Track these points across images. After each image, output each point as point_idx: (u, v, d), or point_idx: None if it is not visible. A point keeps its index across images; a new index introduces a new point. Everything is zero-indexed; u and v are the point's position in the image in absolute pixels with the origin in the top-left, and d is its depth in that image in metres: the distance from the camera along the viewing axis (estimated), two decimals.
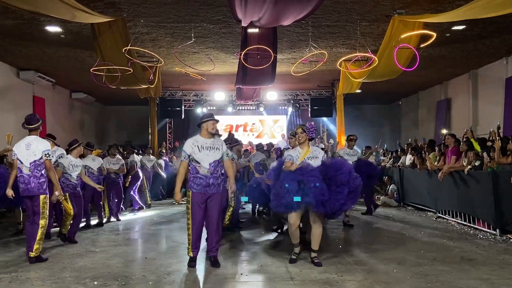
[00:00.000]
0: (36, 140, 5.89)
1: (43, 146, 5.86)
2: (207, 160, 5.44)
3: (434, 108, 16.96)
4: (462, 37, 10.30)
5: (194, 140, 5.53)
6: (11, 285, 4.73)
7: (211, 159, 5.46)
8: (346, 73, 11.88)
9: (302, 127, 5.71)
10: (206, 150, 5.48)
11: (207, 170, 5.41)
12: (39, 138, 5.96)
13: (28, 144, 5.83)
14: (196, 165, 5.41)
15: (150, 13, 8.53)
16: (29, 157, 5.79)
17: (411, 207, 10.69)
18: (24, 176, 5.76)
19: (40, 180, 5.79)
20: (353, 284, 4.68)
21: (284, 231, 7.61)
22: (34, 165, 5.78)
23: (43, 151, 5.83)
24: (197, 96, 17.91)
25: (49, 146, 5.98)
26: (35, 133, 5.99)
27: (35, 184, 5.75)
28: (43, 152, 5.82)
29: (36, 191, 5.75)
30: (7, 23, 8.82)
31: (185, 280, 4.96)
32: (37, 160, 5.80)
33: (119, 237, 7.48)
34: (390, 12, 8.39)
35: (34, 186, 5.75)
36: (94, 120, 20.13)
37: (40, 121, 6.08)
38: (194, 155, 5.43)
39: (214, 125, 5.63)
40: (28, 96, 13.74)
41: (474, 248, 6.31)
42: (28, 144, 5.83)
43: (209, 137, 5.59)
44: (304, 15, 7.30)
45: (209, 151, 5.49)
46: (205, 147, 5.49)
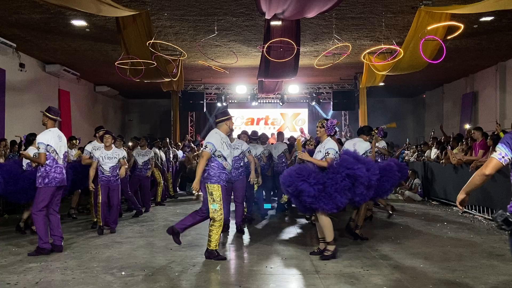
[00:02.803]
0: (60, 132, 6.08)
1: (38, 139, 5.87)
2: (231, 156, 5.67)
3: (460, 101, 16.64)
4: (490, 29, 10.06)
5: (221, 137, 5.53)
6: (41, 274, 4.84)
7: (232, 156, 5.83)
8: (370, 66, 11.74)
9: (322, 122, 5.68)
10: (230, 147, 5.68)
11: (230, 166, 5.62)
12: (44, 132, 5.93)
13: (60, 136, 5.97)
14: (223, 162, 5.45)
15: (174, 6, 8.56)
16: (62, 148, 5.95)
17: (436, 201, 10.55)
18: (60, 166, 5.87)
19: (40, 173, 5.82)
20: (379, 278, 4.64)
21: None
22: (65, 156, 6.02)
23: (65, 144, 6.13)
24: (219, 90, 17.94)
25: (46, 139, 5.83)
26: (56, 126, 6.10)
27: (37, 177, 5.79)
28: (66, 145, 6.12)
29: (37, 184, 5.78)
30: (34, 17, 8.97)
31: (210, 271, 4.99)
32: (66, 152, 6.07)
33: (144, 228, 7.57)
34: (416, 3, 8.24)
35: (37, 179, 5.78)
36: (117, 113, 20.38)
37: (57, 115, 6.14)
38: (223, 151, 5.45)
39: (231, 123, 5.77)
40: (54, 89, 14.00)
41: (503, 244, 6.18)
42: (59, 136, 5.97)
43: (228, 135, 5.80)
44: (329, 7, 7.23)
45: (232, 149, 5.80)
46: (228, 145, 5.64)
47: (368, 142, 6.84)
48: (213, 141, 5.40)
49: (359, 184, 5.31)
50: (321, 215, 5.39)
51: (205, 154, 5.37)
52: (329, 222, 5.41)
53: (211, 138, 5.44)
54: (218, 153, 5.42)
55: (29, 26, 9.53)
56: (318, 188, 5.17)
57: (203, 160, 5.40)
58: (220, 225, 5.38)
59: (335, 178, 5.24)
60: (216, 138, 5.44)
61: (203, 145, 5.44)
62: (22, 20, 9.17)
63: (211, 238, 5.39)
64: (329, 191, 5.20)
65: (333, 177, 5.25)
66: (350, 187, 5.27)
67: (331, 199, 5.20)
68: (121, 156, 7.31)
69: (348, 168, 5.29)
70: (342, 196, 5.23)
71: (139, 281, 4.57)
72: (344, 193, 5.25)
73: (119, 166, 7.26)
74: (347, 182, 5.23)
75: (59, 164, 5.84)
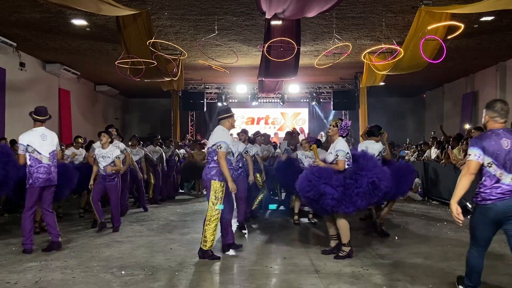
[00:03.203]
0: (47, 131, 5.98)
1: (55, 137, 6.03)
2: (236, 151, 5.88)
3: (460, 101, 16.63)
4: (491, 29, 10.05)
5: (229, 134, 5.56)
6: (41, 273, 4.84)
7: (236, 152, 5.91)
8: (370, 66, 11.73)
9: (337, 121, 5.66)
10: (231, 146, 5.86)
11: (235, 161, 5.64)
12: (48, 129, 6.02)
13: (44, 135, 5.88)
14: (231, 159, 5.68)
15: (174, 6, 8.56)
16: (48, 147, 5.88)
17: (436, 201, 10.54)
18: (45, 166, 5.82)
19: (57, 170, 5.99)
20: (379, 278, 4.65)
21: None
22: (52, 155, 5.91)
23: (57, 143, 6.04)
24: (219, 89, 17.94)
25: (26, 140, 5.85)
26: (44, 125, 6.00)
27: (55, 173, 5.94)
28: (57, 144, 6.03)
29: (56, 181, 5.95)
30: (34, 17, 8.97)
31: (210, 271, 4.99)
32: (54, 151, 5.96)
33: (144, 228, 7.57)
34: (417, 3, 8.24)
35: (55, 175, 5.93)
36: (117, 112, 20.38)
37: (48, 116, 6.06)
38: (232, 147, 5.70)
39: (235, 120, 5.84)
40: (54, 89, 13.99)
41: (503, 244, 6.14)
42: (43, 135, 5.88)
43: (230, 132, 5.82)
44: (329, 6, 7.23)
45: (235, 143, 6.02)
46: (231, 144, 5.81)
47: (379, 143, 6.79)
48: (226, 139, 5.36)
49: (377, 193, 5.28)
50: (340, 217, 5.39)
51: (223, 154, 5.27)
52: (347, 225, 5.42)
53: (223, 137, 5.36)
54: (229, 149, 5.55)
55: (29, 25, 9.53)
56: (340, 190, 5.16)
57: (223, 161, 5.27)
58: (215, 226, 5.37)
59: (360, 181, 5.19)
60: (227, 136, 5.45)
61: (217, 145, 5.26)
62: (22, 20, 9.16)
63: (207, 238, 5.35)
64: (350, 193, 5.16)
65: (357, 178, 5.21)
66: (371, 192, 5.24)
67: (351, 202, 5.17)
68: (116, 155, 7.21)
69: (378, 177, 5.23)
70: (363, 200, 5.21)
71: (139, 281, 4.57)
72: (365, 197, 5.23)
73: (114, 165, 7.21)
74: (370, 188, 5.20)
75: (44, 164, 5.79)
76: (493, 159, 3.53)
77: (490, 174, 3.56)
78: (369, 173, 5.24)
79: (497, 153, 3.52)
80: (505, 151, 3.52)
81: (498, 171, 3.53)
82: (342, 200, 5.16)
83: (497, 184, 3.54)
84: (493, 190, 3.54)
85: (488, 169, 3.56)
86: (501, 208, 3.52)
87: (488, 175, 3.57)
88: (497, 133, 3.60)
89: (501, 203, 3.51)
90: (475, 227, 3.68)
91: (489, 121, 3.70)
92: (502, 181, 3.53)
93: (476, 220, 3.65)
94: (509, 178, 3.52)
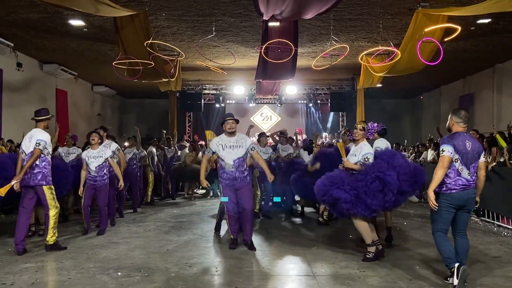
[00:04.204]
0: (37, 132, 5.88)
1: (39, 136, 5.80)
2: (231, 157, 5.88)
3: (457, 103, 16.66)
4: (488, 31, 10.08)
5: (220, 139, 6.03)
6: (37, 274, 4.83)
7: (234, 157, 5.89)
8: (367, 67, 11.75)
9: (363, 124, 5.68)
10: (229, 148, 5.92)
11: (232, 165, 5.85)
12: (41, 130, 5.91)
13: (31, 136, 5.87)
14: (222, 162, 5.92)
15: (172, 7, 8.56)
16: (27, 148, 5.82)
17: None
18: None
19: (33, 171, 5.75)
20: (375, 280, 4.65)
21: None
22: (30, 155, 5.76)
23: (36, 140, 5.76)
24: (217, 90, 17.94)
25: (48, 138, 5.89)
26: (40, 126, 5.96)
27: (29, 175, 5.73)
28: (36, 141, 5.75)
29: (31, 182, 5.74)
30: (31, 17, 8.96)
31: (207, 272, 4.99)
32: (32, 151, 5.77)
33: (140, 229, 7.56)
34: (414, 5, 8.25)
35: (28, 178, 5.74)
36: (115, 113, 20.35)
37: (49, 115, 6.05)
38: (219, 152, 5.92)
39: (231, 125, 5.98)
40: (51, 89, 13.96)
41: (499, 245, 6.21)
42: (30, 136, 5.87)
43: (231, 136, 6.00)
44: (327, 8, 7.24)
45: (232, 149, 5.92)
46: (229, 146, 5.94)
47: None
48: (211, 145, 6.10)
49: (388, 191, 5.17)
50: (357, 220, 5.37)
51: (205, 155, 6.35)
52: (366, 226, 5.39)
53: (211, 143, 6.15)
54: (216, 154, 6.02)
55: (26, 25, 9.51)
56: (353, 193, 5.15)
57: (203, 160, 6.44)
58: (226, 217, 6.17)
59: (364, 180, 5.17)
60: (214, 142, 6.07)
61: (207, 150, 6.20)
62: (19, 20, 9.15)
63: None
64: (361, 195, 5.14)
65: (362, 178, 5.20)
66: (380, 190, 5.14)
67: (366, 204, 5.14)
68: (108, 155, 7.14)
69: (380, 171, 5.17)
70: (373, 198, 5.12)
71: (135, 282, 4.57)
72: (375, 195, 5.13)
73: (106, 165, 7.13)
74: (377, 184, 5.12)
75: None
76: (459, 156, 4.27)
77: (455, 168, 4.29)
78: (371, 169, 5.22)
79: (463, 151, 4.26)
80: (467, 151, 4.28)
81: (461, 167, 4.28)
82: (356, 203, 5.16)
83: (458, 177, 4.29)
84: (456, 181, 4.29)
85: (454, 164, 4.28)
86: (462, 196, 4.29)
87: (453, 169, 4.29)
88: (462, 135, 4.36)
89: (462, 192, 4.28)
90: (440, 212, 4.36)
91: (454, 124, 4.45)
92: (462, 175, 4.28)
93: (442, 205, 4.33)
94: (467, 173, 4.29)
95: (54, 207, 5.88)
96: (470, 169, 4.31)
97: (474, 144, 4.36)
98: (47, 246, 5.89)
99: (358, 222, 5.38)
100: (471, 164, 4.31)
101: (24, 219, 5.86)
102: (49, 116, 6.06)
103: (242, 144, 5.94)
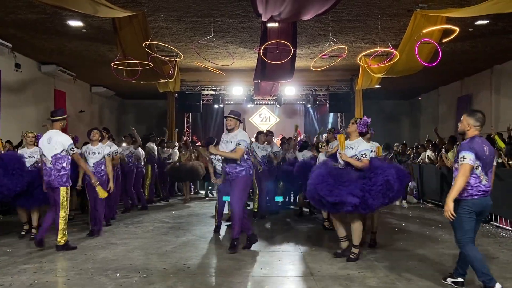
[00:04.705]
0: (56, 134, 6.04)
1: (62, 139, 6.01)
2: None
3: (455, 104, 16.69)
4: (486, 32, 10.09)
5: (223, 134, 6.26)
6: (36, 275, 4.82)
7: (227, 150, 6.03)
8: (366, 68, 11.77)
9: (356, 118, 5.78)
10: (223, 144, 6.10)
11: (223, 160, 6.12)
12: (59, 132, 6.08)
13: (50, 138, 6.00)
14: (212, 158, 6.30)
15: (170, 8, 8.56)
16: (50, 151, 5.96)
17: (431, 204, 10.58)
18: (47, 169, 5.96)
19: (60, 173, 5.95)
20: (374, 281, 4.66)
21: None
22: (55, 158, 5.95)
23: (63, 145, 5.97)
24: (215, 91, 17.93)
25: (69, 140, 6.09)
26: (57, 126, 6.12)
27: (55, 176, 5.93)
28: (65, 146, 5.97)
29: (56, 184, 5.93)
30: (30, 17, 8.94)
31: (206, 273, 4.99)
32: (58, 154, 5.96)
33: (139, 230, 7.56)
34: (412, 6, 8.26)
35: (54, 179, 5.93)
36: (113, 114, 20.33)
37: (65, 115, 6.24)
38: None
39: (228, 122, 6.10)
40: (49, 90, 13.93)
41: (497, 246, 6.22)
42: (49, 138, 6.01)
43: (231, 132, 6.09)
44: (325, 9, 7.25)
45: (225, 145, 6.05)
46: (224, 141, 6.11)
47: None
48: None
49: (387, 195, 5.19)
50: (355, 219, 5.38)
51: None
52: (361, 226, 5.42)
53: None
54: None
55: (25, 26, 9.50)
56: (361, 194, 5.08)
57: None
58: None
59: (373, 180, 5.14)
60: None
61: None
62: (18, 20, 9.13)
63: None
64: (365, 195, 5.10)
65: (370, 178, 5.17)
66: (384, 192, 5.15)
67: (366, 203, 5.12)
68: (106, 152, 7.21)
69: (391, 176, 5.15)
70: (374, 199, 5.12)
71: (133, 283, 4.56)
72: (377, 197, 5.13)
73: (104, 162, 7.18)
74: (383, 188, 5.11)
75: (46, 166, 6.03)
76: (480, 163, 4.09)
77: (476, 175, 4.11)
78: (384, 171, 5.18)
79: (483, 158, 4.08)
80: (486, 156, 4.11)
81: (481, 173, 4.11)
82: (360, 203, 5.11)
83: (479, 183, 4.12)
84: (478, 187, 4.11)
85: (475, 171, 4.10)
86: (482, 202, 4.15)
87: (474, 175, 4.11)
88: (481, 140, 4.17)
89: (482, 198, 4.14)
90: (464, 220, 4.12)
91: (471, 128, 4.18)
92: (482, 182, 4.13)
93: (465, 212, 4.13)
94: (485, 179, 4.14)
95: (66, 208, 6.00)
96: (488, 175, 4.17)
97: (490, 148, 4.21)
98: (58, 247, 5.95)
99: (356, 221, 5.39)
100: (488, 169, 4.17)
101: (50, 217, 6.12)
102: (65, 116, 6.25)
103: (232, 140, 5.99)
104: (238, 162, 5.93)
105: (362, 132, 5.61)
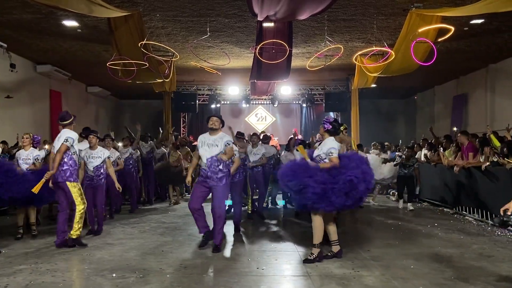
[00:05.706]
0: (66, 131, 6.18)
1: (68, 134, 6.12)
2: (205, 155, 5.97)
3: (450, 103, 16.76)
4: (481, 31, 10.14)
5: (203, 136, 6.14)
6: (31, 276, 4.81)
7: (208, 155, 5.95)
8: (362, 68, 11.79)
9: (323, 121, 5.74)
10: (206, 146, 6.02)
11: (205, 164, 5.95)
12: (69, 130, 6.22)
13: (60, 136, 6.17)
14: (201, 159, 6.08)
15: (166, 7, 8.55)
16: (56, 146, 6.12)
17: (427, 203, 10.61)
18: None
19: (63, 168, 6.05)
20: (370, 279, 4.67)
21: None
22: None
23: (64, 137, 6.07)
24: (211, 91, 17.93)
25: (76, 137, 6.22)
26: (68, 128, 6.26)
27: (58, 171, 6.02)
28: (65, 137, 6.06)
29: (59, 178, 6.03)
30: (25, 17, 8.92)
31: (202, 273, 4.99)
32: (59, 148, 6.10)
33: (135, 230, 7.54)
34: (408, 5, 8.30)
35: (58, 174, 6.02)
36: (109, 114, 20.29)
37: (71, 118, 6.33)
38: (199, 149, 6.05)
39: (213, 121, 6.07)
40: (45, 90, 13.90)
41: (492, 245, 6.25)
42: (59, 136, 6.18)
43: (212, 134, 6.07)
44: (321, 9, 7.27)
45: (208, 147, 6.00)
46: (206, 144, 6.03)
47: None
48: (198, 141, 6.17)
49: (351, 196, 5.15)
50: (316, 216, 5.34)
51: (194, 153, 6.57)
52: (322, 226, 5.37)
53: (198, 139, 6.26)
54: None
55: (20, 26, 9.47)
56: (322, 187, 5.06)
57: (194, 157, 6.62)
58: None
59: (336, 178, 5.12)
60: (199, 138, 6.17)
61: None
62: (13, 20, 9.10)
63: None
64: (328, 191, 5.07)
65: (334, 176, 5.14)
66: (346, 192, 5.11)
67: (329, 200, 5.09)
68: (106, 155, 7.24)
69: (356, 176, 5.10)
70: (337, 197, 5.08)
71: (130, 283, 4.56)
72: (340, 196, 5.09)
73: (103, 165, 7.21)
74: (347, 187, 5.08)
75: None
76: None
77: None
78: (348, 171, 5.16)
79: None
80: None
81: None
82: (322, 197, 5.07)
83: None
84: None
85: None
86: None
87: None
88: None
89: None
90: None
91: None
92: None
93: None
94: None
95: (82, 203, 6.15)
96: None
97: None
98: (70, 239, 6.11)
99: (317, 219, 5.33)
100: None
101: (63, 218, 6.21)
102: (72, 118, 6.34)
103: (218, 144, 5.94)
104: (221, 167, 5.92)
105: (329, 129, 5.54)
